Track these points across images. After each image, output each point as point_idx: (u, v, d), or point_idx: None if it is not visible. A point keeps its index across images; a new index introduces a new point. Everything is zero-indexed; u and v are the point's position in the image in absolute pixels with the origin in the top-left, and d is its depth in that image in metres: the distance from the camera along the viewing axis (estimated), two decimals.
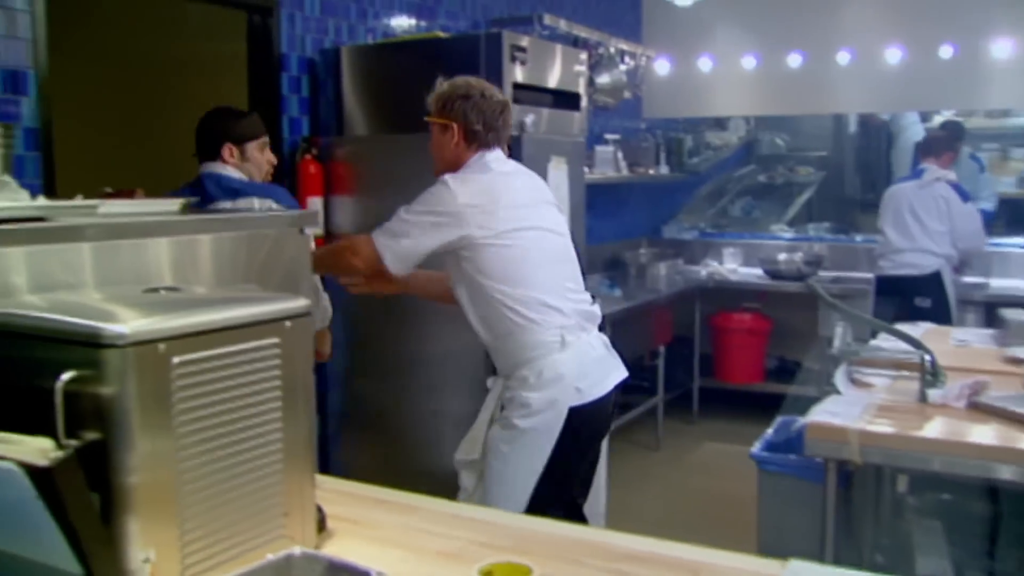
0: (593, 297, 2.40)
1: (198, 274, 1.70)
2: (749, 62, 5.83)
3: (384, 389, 3.36)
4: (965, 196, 4.48)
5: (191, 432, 1.20)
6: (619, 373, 2.34)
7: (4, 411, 1.21)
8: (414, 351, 3.25)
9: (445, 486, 2.21)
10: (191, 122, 2.67)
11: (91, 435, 1.13)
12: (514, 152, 3.05)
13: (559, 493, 2.23)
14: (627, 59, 5.08)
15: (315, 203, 3.30)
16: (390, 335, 3.32)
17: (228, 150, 2.52)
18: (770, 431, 2.76)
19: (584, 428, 2.25)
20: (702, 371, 5.50)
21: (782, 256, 5.54)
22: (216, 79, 4.07)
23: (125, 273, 1.54)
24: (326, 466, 3.54)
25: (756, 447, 2.66)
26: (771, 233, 6.09)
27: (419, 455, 3.26)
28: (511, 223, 2.22)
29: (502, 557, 1.25)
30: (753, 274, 5.60)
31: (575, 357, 2.21)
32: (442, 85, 2.42)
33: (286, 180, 3.33)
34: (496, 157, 2.38)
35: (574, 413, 2.20)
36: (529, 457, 2.17)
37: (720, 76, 5.91)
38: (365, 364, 3.41)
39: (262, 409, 1.30)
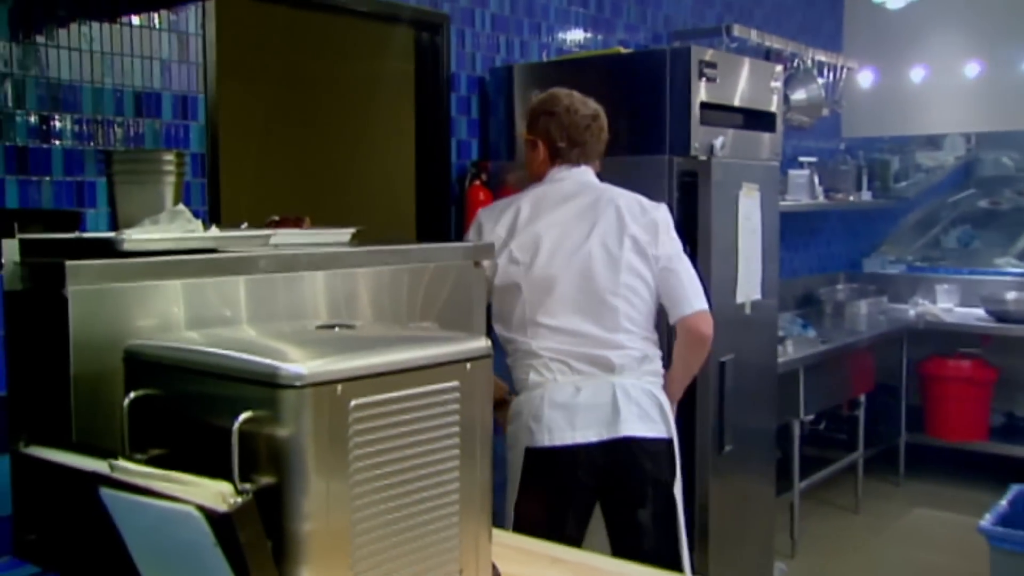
0: (663, 345, 2.40)
1: (368, 309, 1.76)
2: (971, 69, 5.50)
3: None
4: None
5: (367, 479, 1.23)
6: (603, 429, 2.28)
7: (175, 448, 1.29)
8: None
9: None
10: (357, 144, 2.78)
11: (266, 478, 1.18)
12: (703, 177, 3.02)
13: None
14: (826, 72, 4.91)
15: None
16: None
17: None
18: (1003, 502, 2.57)
19: (544, 474, 2.29)
20: (909, 425, 5.20)
21: (1011, 295, 5.18)
22: (383, 100, 4.27)
23: (283, 307, 1.61)
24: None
25: (986, 520, 2.47)
26: (995, 268, 5.71)
27: None
28: (505, 256, 2.35)
29: None
30: (973, 314, 5.27)
31: (536, 397, 2.29)
32: (532, 100, 2.51)
33: (454, 207, 3.42)
34: (565, 175, 2.46)
35: (530, 454, 2.30)
36: (510, 492, 2.33)
37: (934, 87, 5.61)
38: None
39: (439, 457, 1.32)
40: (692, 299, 2.34)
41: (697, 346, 2.38)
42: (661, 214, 2.40)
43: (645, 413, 2.31)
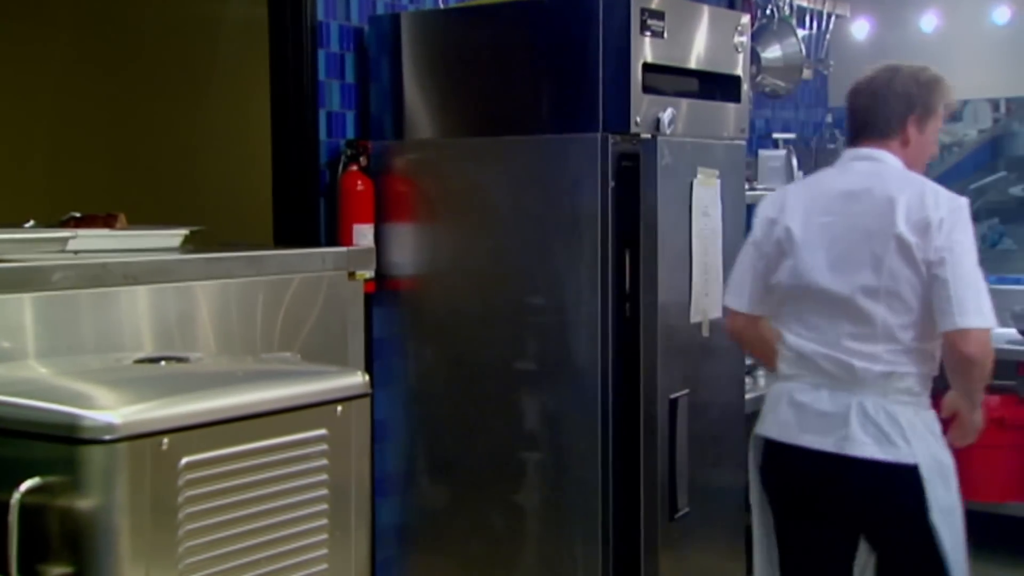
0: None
1: (209, 336, 1.74)
2: (1000, 15, 5.66)
3: (462, 494, 3.37)
4: None
5: (204, 560, 1.21)
6: (828, 440, 2.71)
7: None
8: (501, 437, 3.26)
9: None
10: (192, 115, 2.74)
11: (59, 569, 1.16)
12: (646, 160, 3.07)
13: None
14: (808, 22, 5.03)
15: (364, 233, 3.35)
16: (468, 414, 3.34)
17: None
18: None
19: (770, 469, 2.88)
20: None
21: None
22: (227, 56, 4.21)
23: (90, 335, 1.58)
24: None
25: None
26: None
27: None
28: (776, 237, 2.83)
29: None
30: (1003, 336, 5.39)
31: (782, 389, 2.84)
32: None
33: (324, 200, 3.40)
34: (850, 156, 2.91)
35: (760, 442, 2.88)
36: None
37: (951, 41, 5.76)
38: (433, 459, 3.43)
39: (303, 528, 1.32)
40: (956, 314, 2.60)
41: (960, 368, 2.70)
42: (941, 212, 2.67)
43: (882, 434, 2.67)
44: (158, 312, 1.67)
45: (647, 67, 3.15)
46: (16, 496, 1.14)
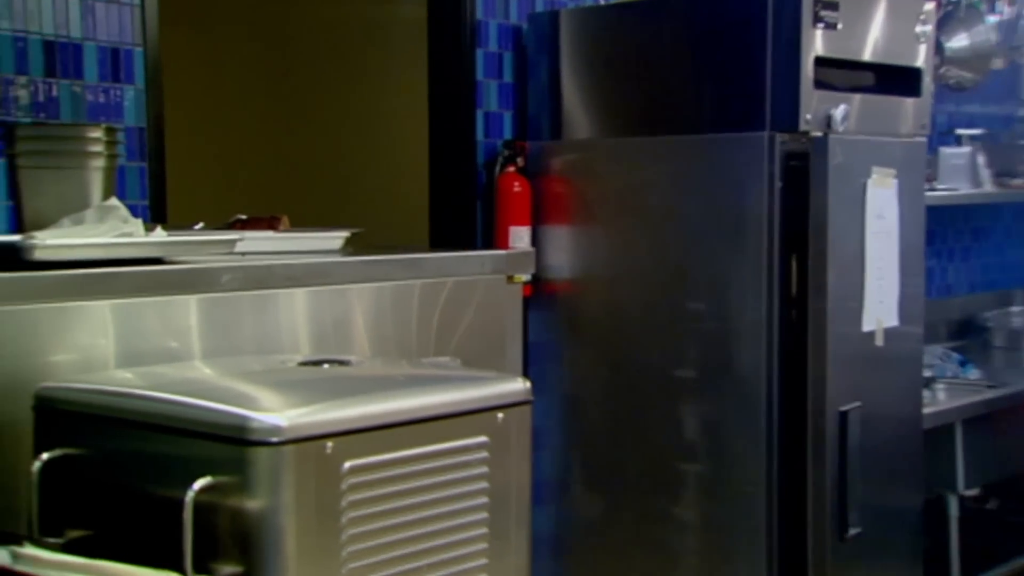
0: None
1: (364, 339, 1.80)
2: None
3: (619, 504, 3.39)
4: None
5: (365, 567, 1.26)
6: None
7: (103, 528, 1.33)
8: (660, 447, 3.26)
9: None
10: (351, 118, 2.82)
11: (229, 567, 1.22)
12: (817, 160, 3.04)
13: None
14: (1000, 6, 4.88)
15: (521, 235, 3.39)
16: (626, 422, 3.35)
17: None
18: None
19: None
20: None
21: None
22: (386, 57, 4.32)
23: (250, 337, 1.65)
24: None
25: None
26: None
27: None
28: None
29: None
30: None
31: None
32: None
33: (480, 203, 3.45)
34: None
35: None
36: None
37: None
38: (589, 468, 3.46)
39: (462, 536, 1.36)
40: None
41: None
42: None
43: None
44: (315, 314, 1.74)
45: (819, 61, 3.12)
46: (190, 494, 1.20)
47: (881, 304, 3.21)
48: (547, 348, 3.49)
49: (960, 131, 5.01)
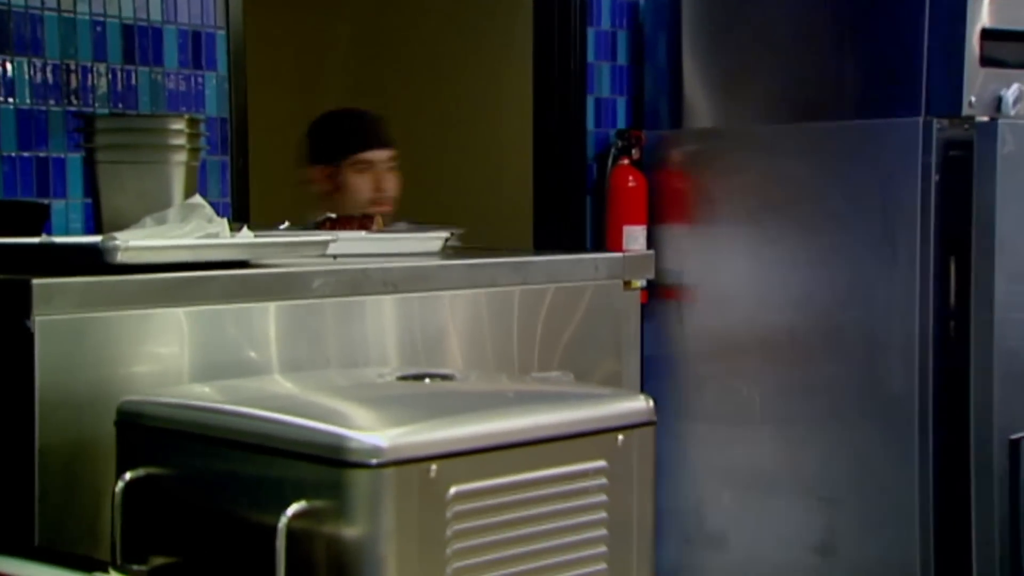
0: None
1: (459, 350, 1.83)
2: None
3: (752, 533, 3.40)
4: None
5: None
6: None
7: (189, 554, 1.37)
8: (800, 479, 3.27)
9: None
10: (447, 105, 2.83)
11: None
12: (982, 149, 3.00)
13: None
14: None
15: (636, 236, 3.40)
16: (752, 447, 3.36)
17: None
18: None
19: None
20: None
21: None
22: (486, 37, 4.34)
23: (336, 347, 1.69)
24: None
25: None
26: None
27: None
28: None
29: None
30: None
31: None
32: None
33: (591, 199, 3.47)
34: None
35: None
36: None
37: None
38: (717, 488, 3.47)
39: (580, 572, 1.37)
40: None
41: None
42: None
43: None
44: (406, 322, 1.77)
45: (986, 33, 3.08)
46: (283, 520, 1.22)
47: None
48: (665, 361, 3.49)
49: None
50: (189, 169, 1.77)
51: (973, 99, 3.04)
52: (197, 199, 1.69)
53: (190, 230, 1.62)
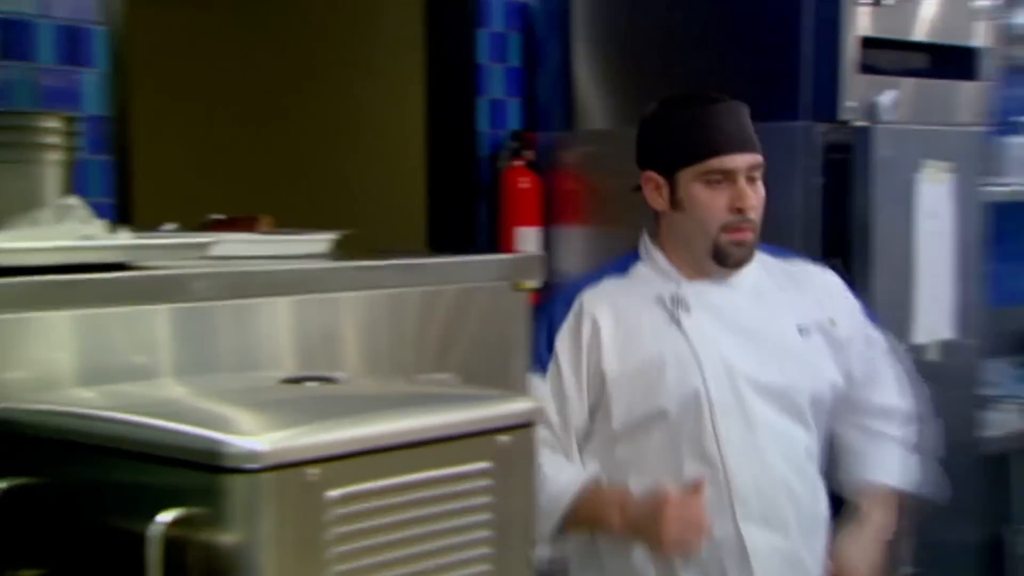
0: None
1: (354, 354, 1.80)
2: None
3: None
4: None
5: None
6: None
7: (61, 566, 1.34)
8: None
9: None
10: (339, 104, 2.80)
11: None
12: (860, 152, 3.04)
13: None
14: None
15: (529, 237, 3.39)
16: None
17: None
18: None
19: None
20: None
21: None
22: (378, 36, 4.31)
23: (226, 352, 1.66)
24: None
25: None
26: None
27: None
28: None
29: None
30: None
31: None
32: None
33: (485, 201, 3.46)
34: None
35: None
36: None
37: None
38: None
39: (463, 573, 1.36)
40: None
41: None
42: None
43: None
44: (300, 326, 1.74)
45: (864, 41, 3.13)
46: (157, 527, 1.20)
47: (934, 314, 3.22)
48: None
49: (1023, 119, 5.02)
50: (64, 168, 1.72)
51: (852, 104, 3.09)
52: (72, 200, 1.65)
53: (64, 232, 1.58)
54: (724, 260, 2.46)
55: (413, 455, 1.33)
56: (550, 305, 2.54)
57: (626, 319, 2.49)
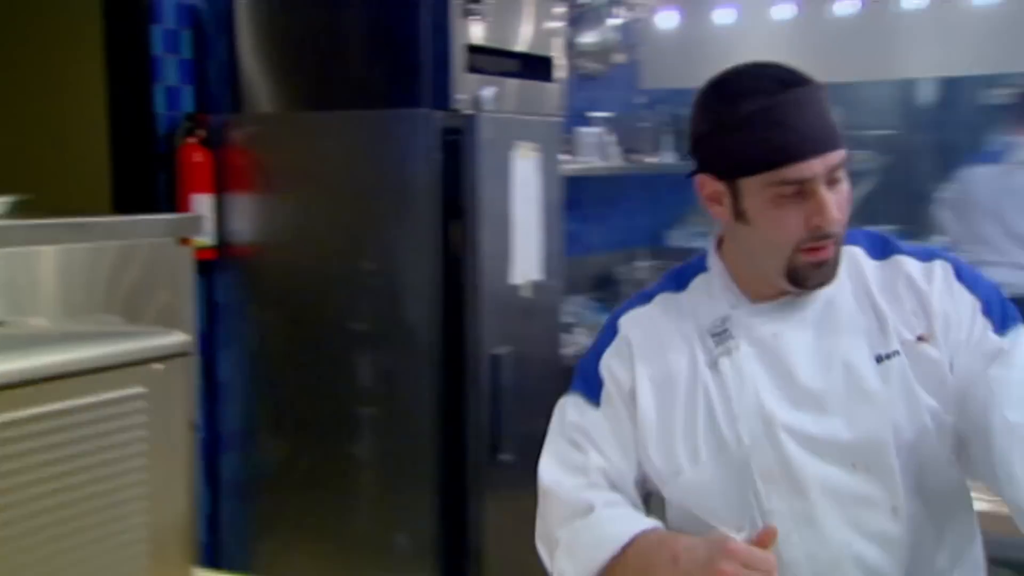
0: None
1: (34, 302, 1.66)
2: (783, 11, 5.83)
3: (302, 447, 3.32)
4: None
5: (16, 519, 1.15)
6: None
7: None
8: (339, 393, 3.23)
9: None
10: (29, 87, 2.56)
11: None
12: (469, 135, 3.06)
13: None
14: (620, 11, 5.08)
15: (201, 202, 3.26)
16: (308, 373, 3.29)
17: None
18: None
19: None
20: None
21: None
22: (60, 26, 3.96)
23: None
24: (217, 558, 3.48)
25: None
26: None
27: (360, 533, 3.23)
28: None
29: None
30: None
31: None
32: None
33: (162, 173, 3.29)
34: None
35: None
36: None
37: (745, 32, 5.92)
38: (274, 416, 3.37)
39: (119, 483, 1.27)
40: None
41: None
42: None
43: None
44: None
45: (470, 48, 3.15)
46: None
47: (526, 261, 3.29)
48: (233, 308, 3.39)
49: (592, 114, 5.20)
50: None
51: (461, 97, 3.11)
52: None
53: None
54: (801, 283, 1.60)
55: (74, 383, 1.22)
56: (601, 331, 1.80)
57: (660, 361, 1.68)
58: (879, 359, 1.60)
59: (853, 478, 1.58)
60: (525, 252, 3.28)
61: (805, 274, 1.58)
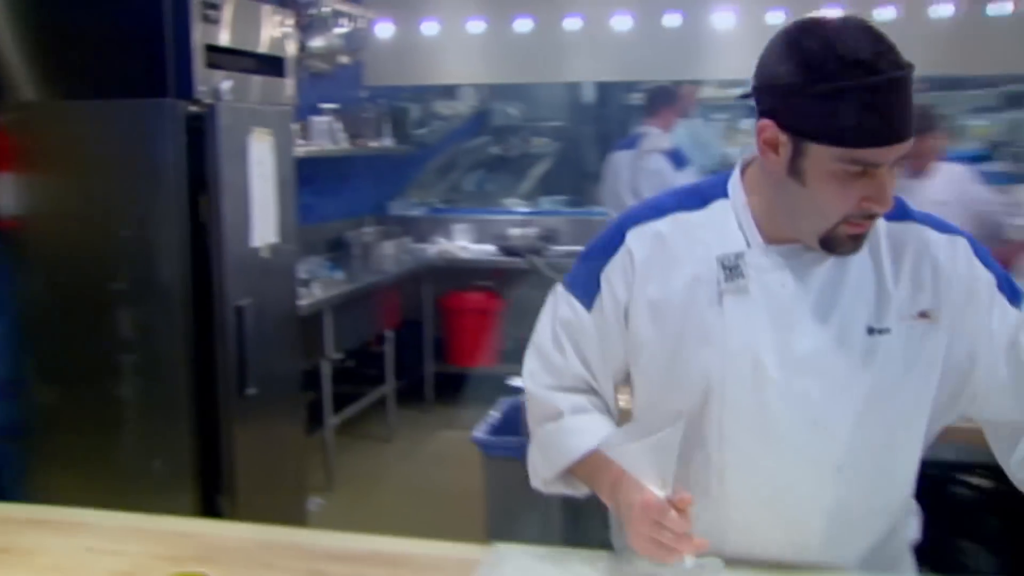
0: None
1: None
2: (476, 26, 6.00)
3: (71, 394, 3.17)
4: (681, 162, 4.83)
5: None
6: None
7: None
8: (102, 345, 3.10)
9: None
10: None
11: None
12: (210, 122, 3.00)
13: None
14: (344, 21, 5.07)
15: None
16: (73, 329, 3.14)
17: None
18: (495, 412, 2.91)
19: None
20: (435, 356, 5.65)
21: (515, 231, 5.79)
22: None
23: None
24: None
25: (478, 430, 2.79)
26: (505, 208, 6.35)
27: (126, 463, 3.12)
28: None
29: (180, 569, 1.25)
30: (485, 251, 5.82)
31: None
32: None
33: None
34: None
35: None
36: None
37: (447, 41, 6.05)
38: (45, 367, 3.20)
39: None
40: None
41: None
42: None
43: None
44: None
45: (212, 48, 3.09)
46: None
47: (263, 227, 3.27)
48: (4, 275, 3.16)
49: (323, 105, 5.19)
50: None
51: (203, 89, 3.05)
52: None
53: None
54: (832, 249, 1.35)
55: None
56: (606, 231, 1.50)
57: (662, 283, 1.42)
58: (871, 331, 1.37)
59: (812, 435, 1.37)
60: (263, 220, 3.26)
61: (839, 243, 1.34)
